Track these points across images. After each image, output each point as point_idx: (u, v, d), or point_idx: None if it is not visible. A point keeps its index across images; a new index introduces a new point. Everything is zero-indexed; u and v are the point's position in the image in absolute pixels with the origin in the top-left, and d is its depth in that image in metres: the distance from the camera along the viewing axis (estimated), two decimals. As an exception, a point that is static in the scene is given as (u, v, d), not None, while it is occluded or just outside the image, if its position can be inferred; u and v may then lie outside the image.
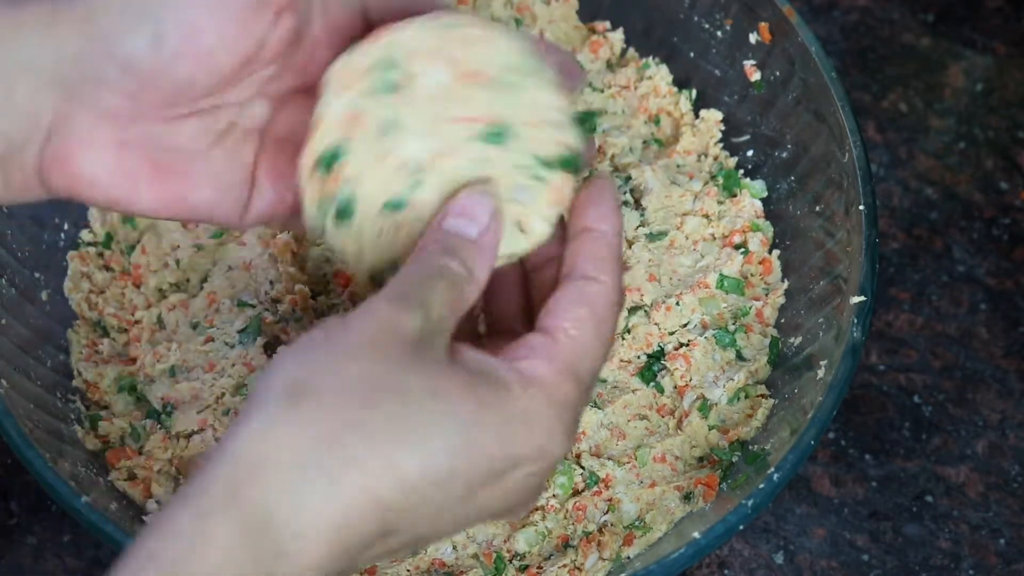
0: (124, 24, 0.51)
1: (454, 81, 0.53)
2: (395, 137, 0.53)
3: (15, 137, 0.52)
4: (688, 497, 0.69)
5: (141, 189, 0.54)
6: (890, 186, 0.89)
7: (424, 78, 0.53)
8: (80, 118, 0.53)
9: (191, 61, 0.52)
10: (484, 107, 0.53)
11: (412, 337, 0.48)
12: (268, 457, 0.45)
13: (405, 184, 0.53)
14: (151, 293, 0.76)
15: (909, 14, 0.96)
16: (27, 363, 0.70)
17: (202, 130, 0.55)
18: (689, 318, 0.74)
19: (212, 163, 0.55)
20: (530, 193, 0.54)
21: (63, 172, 0.53)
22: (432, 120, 0.53)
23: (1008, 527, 0.78)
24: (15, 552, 0.76)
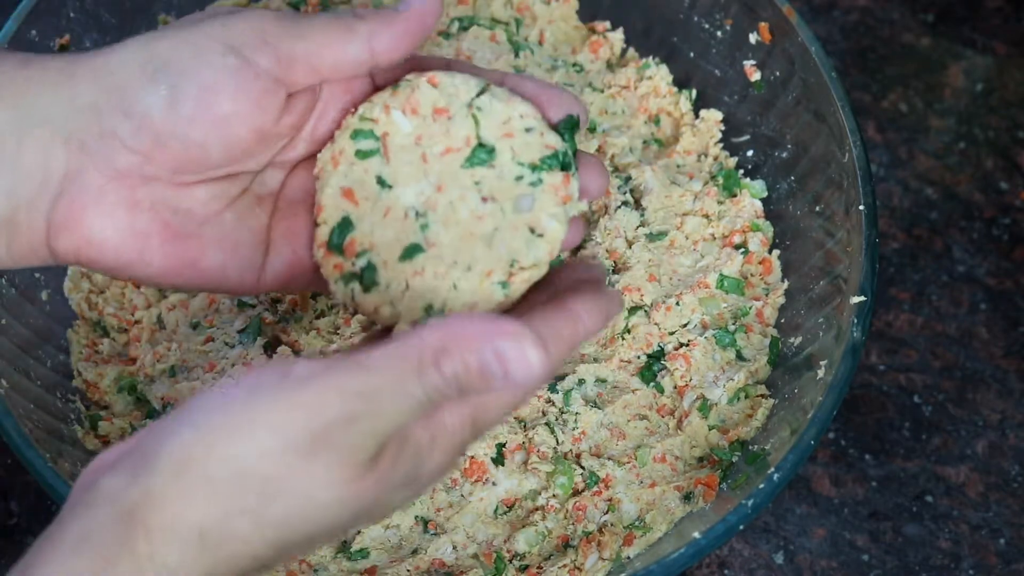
0: (141, 80, 0.52)
1: (423, 124, 0.56)
2: (389, 193, 0.56)
3: (22, 195, 0.52)
4: (688, 497, 0.69)
5: (152, 251, 0.54)
6: (890, 186, 0.89)
7: (395, 132, 0.56)
8: (92, 176, 0.52)
9: (205, 126, 0.52)
10: (460, 135, 0.56)
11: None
12: (169, 524, 0.46)
13: (414, 230, 0.55)
14: (151, 293, 0.76)
15: (909, 14, 0.96)
16: (27, 363, 0.70)
17: (214, 195, 0.55)
18: (689, 318, 0.74)
19: (223, 227, 0.56)
20: (532, 199, 0.55)
21: (72, 233, 0.53)
22: (417, 164, 0.56)
23: (1008, 527, 0.78)
24: (15, 552, 0.76)
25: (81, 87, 0.52)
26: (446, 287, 0.55)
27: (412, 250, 0.55)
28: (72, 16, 0.75)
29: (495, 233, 0.55)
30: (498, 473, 0.70)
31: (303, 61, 0.53)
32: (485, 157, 0.56)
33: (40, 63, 0.53)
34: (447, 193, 0.55)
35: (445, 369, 0.47)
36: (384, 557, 0.68)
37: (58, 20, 0.75)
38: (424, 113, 0.56)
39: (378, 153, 0.56)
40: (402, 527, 0.69)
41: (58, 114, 0.52)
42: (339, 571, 0.67)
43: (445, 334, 0.47)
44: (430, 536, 0.68)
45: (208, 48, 0.52)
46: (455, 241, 0.55)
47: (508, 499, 0.69)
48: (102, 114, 0.52)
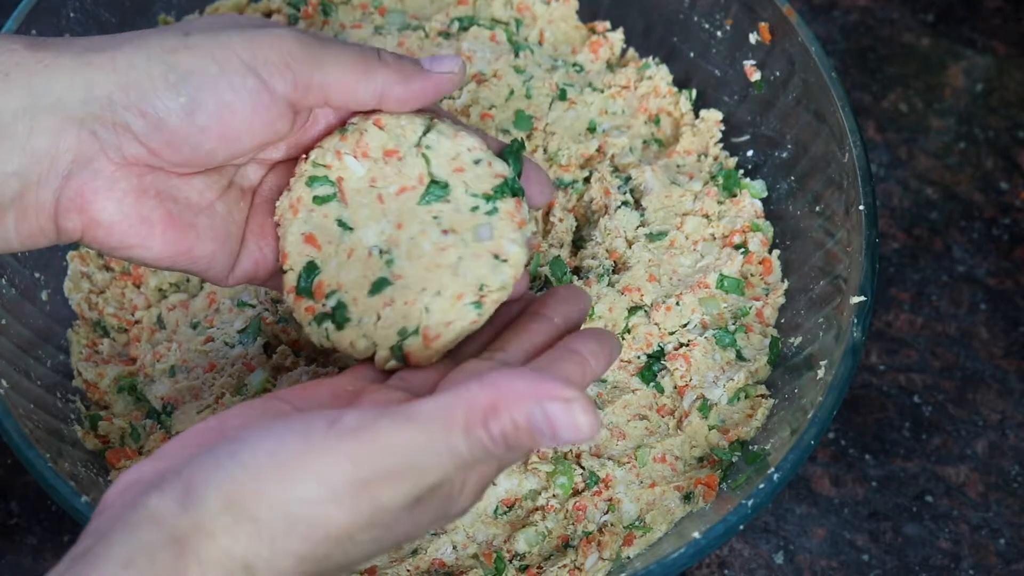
0: (161, 86, 0.53)
1: (375, 166, 0.58)
2: (351, 235, 0.58)
3: (32, 175, 0.53)
4: (688, 497, 0.69)
5: (154, 237, 0.56)
6: (890, 186, 0.89)
7: (349, 177, 0.58)
8: (102, 162, 0.54)
9: (216, 138, 0.55)
10: (412, 174, 0.58)
11: None
12: (217, 559, 0.46)
13: (379, 266, 0.57)
14: (151, 293, 0.76)
15: (909, 14, 0.96)
16: (27, 363, 0.70)
17: (209, 184, 0.58)
18: (689, 318, 0.74)
19: (215, 218, 0.58)
20: (491, 228, 0.57)
21: (81, 214, 0.54)
22: (374, 205, 0.58)
23: (1008, 527, 0.78)
24: (15, 552, 0.76)
25: (98, 77, 0.53)
26: (417, 312, 0.57)
27: (380, 284, 0.57)
28: (72, 16, 0.75)
29: (460, 262, 0.57)
30: (498, 473, 0.70)
31: (317, 89, 0.55)
32: (440, 193, 0.58)
33: (53, 47, 0.54)
34: (407, 230, 0.57)
35: (493, 429, 0.47)
36: (384, 557, 0.68)
37: (58, 20, 0.75)
38: (375, 156, 0.58)
39: (335, 198, 0.58)
40: (402, 527, 0.69)
41: (72, 100, 0.53)
42: (339, 571, 0.67)
43: (494, 393, 0.47)
44: (430, 536, 0.68)
45: (230, 66, 0.53)
46: (421, 272, 0.57)
47: (508, 499, 0.69)
48: (117, 107, 0.53)
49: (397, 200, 0.58)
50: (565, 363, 0.53)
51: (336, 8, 0.83)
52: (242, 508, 0.46)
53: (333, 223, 0.58)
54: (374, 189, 0.58)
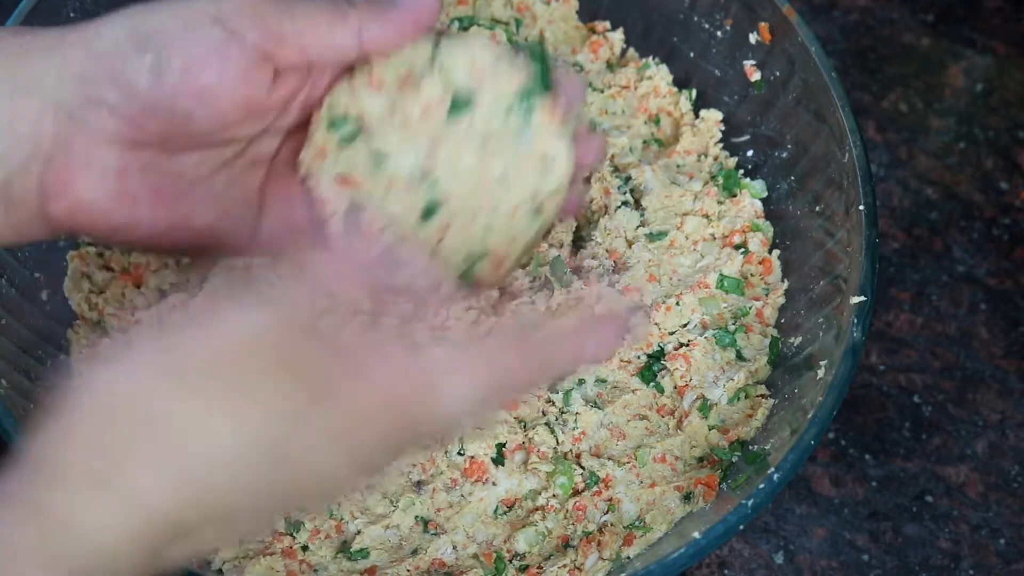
0: (128, 50, 0.52)
1: (392, 95, 0.55)
2: (386, 164, 0.55)
3: (15, 162, 0.53)
4: (688, 497, 0.69)
5: (142, 213, 0.54)
6: (890, 186, 0.89)
7: (369, 110, 0.55)
8: (80, 141, 0.53)
9: (190, 97, 0.53)
10: (433, 92, 0.55)
11: None
12: (65, 472, 0.44)
13: (424, 191, 0.54)
14: (151, 293, 0.76)
15: (909, 14, 0.96)
16: (27, 363, 0.70)
17: (203, 160, 0.56)
18: (689, 318, 0.74)
19: (214, 187, 0.56)
20: (530, 128, 0.54)
21: (64, 198, 0.53)
22: (402, 131, 0.55)
23: (1008, 527, 0.78)
24: (15, 552, 0.76)
25: (71, 54, 0.52)
26: (479, 233, 0.54)
27: (430, 209, 0.54)
28: (72, 16, 0.75)
29: (506, 171, 0.54)
30: (498, 473, 0.70)
31: (292, 40, 0.53)
32: (466, 103, 0.55)
33: (34, 32, 0.53)
34: (443, 148, 0.55)
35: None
36: (384, 557, 0.68)
37: (58, 20, 0.75)
38: (390, 85, 0.55)
39: (360, 134, 0.55)
40: (402, 527, 0.69)
41: (48, 81, 0.52)
42: (339, 571, 0.67)
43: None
44: (430, 536, 0.68)
45: (196, 21, 0.52)
46: (469, 190, 0.54)
47: (508, 499, 0.69)
48: (89, 82, 0.52)
49: (424, 123, 0.55)
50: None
51: None
52: (93, 412, 0.45)
53: (365, 158, 0.55)
54: (397, 117, 0.55)
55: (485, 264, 0.55)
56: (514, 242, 0.55)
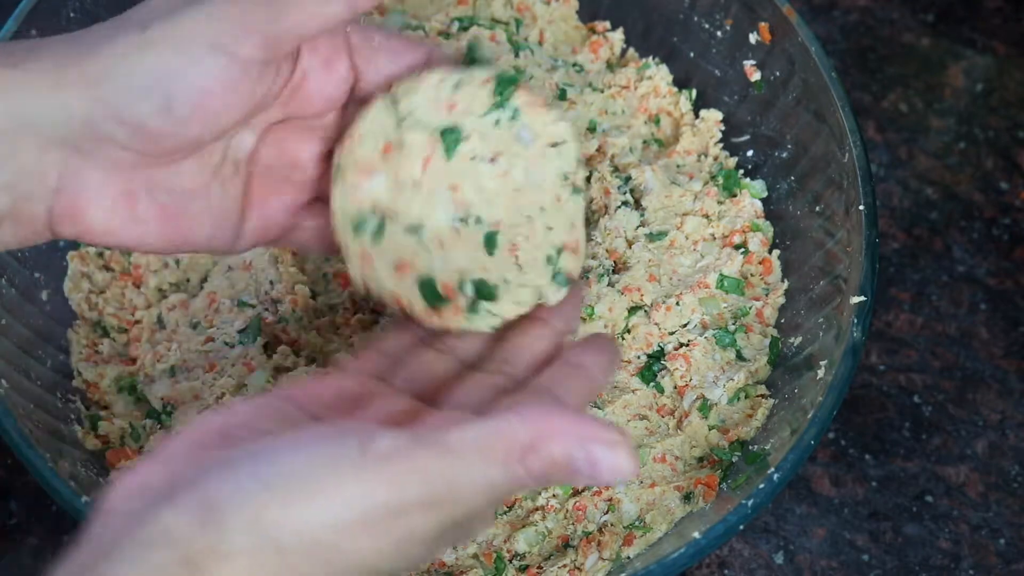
0: (133, 92, 0.52)
1: (388, 166, 0.56)
2: (426, 232, 0.56)
3: (21, 191, 0.53)
4: (688, 497, 0.69)
5: (150, 234, 0.55)
6: (890, 186, 0.89)
7: (377, 196, 0.56)
8: (89, 173, 0.53)
9: (199, 124, 0.53)
10: (420, 142, 0.56)
11: None
12: None
13: (472, 231, 0.56)
14: (151, 293, 0.76)
15: (909, 14, 0.96)
16: (27, 363, 0.70)
17: (199, 167, 0.56)
18: (689, 318, 0.74)
19: (210, 199, 0.57)
20: (526, 127, 0.56)
21: (75, 223, 0.54)
22: (417, 194, 0.56)
23: (1008, 527, 0.78)
24: (15, 552, 0.76)
25: (73, 95, 0.52)
26: (542, 234, 0.56)
27: (490, 242, 0.55)
28: (72, 16, 0.75)
29: (528, 173, 0.55)
30: (498, 473, 0.70)
31: (288, 35, 0.53)
32: (454, 136, 0.55)
33: (25, 65, 0.53)
34: (463, 186, 0.56)
35: (533, 466, 0.46)
36: (384, 557, 0.68)
37: (58, 20, 0.75)
38: (377, 162, 0.56)
39: (385, 221, 0.56)
40: (402, 527, 0.69)
41: (52, 122, 0.52)
42: (339, 571, 0.67)
43: (535, 429, 0.46)
44: (430, 536, 0.68)
45: (196, 52, 0.52)
46: (509, 206, 0.55)
47: (508, 499, 0.69)
48: (96, 123, 0.52)
49: (431, 174, 0.55)
50: (572, 381, 0.53)
51: None
52: (265, 532, 0.43)
53: (404, 238, 0.56)
54: (406, 184, 0.56)
55: (566, 259, 0.56)
56: (574, 225, 0.56)
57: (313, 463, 0.44)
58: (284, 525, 0.44)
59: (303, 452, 0.45)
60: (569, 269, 0.56)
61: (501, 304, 0.56)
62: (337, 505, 0.44)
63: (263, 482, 0.44)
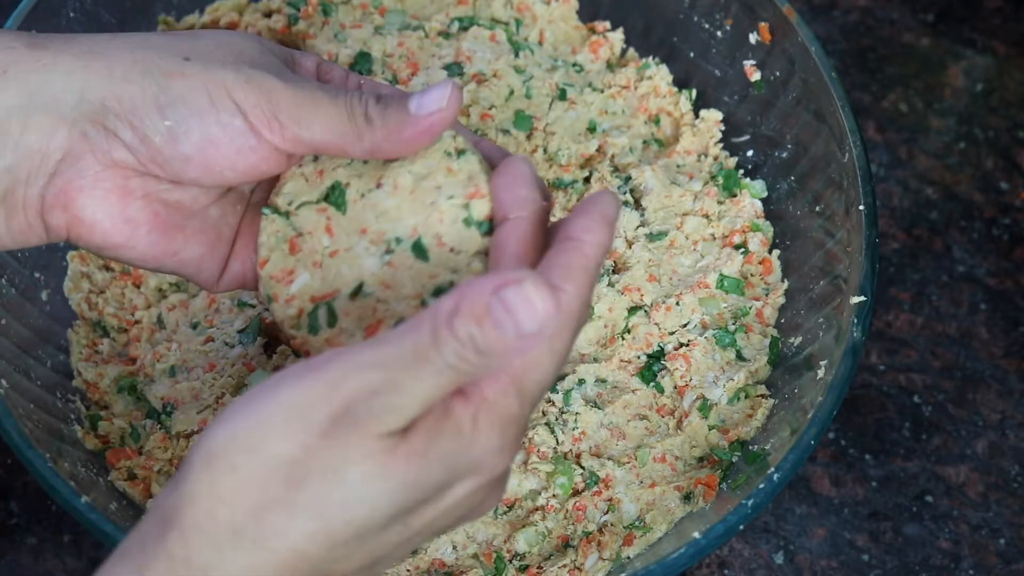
0: (150, 106, 0.53)
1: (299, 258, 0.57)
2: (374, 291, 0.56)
3: (21, 172, 0.54)
4: (688, 497, 0.69)
5: (139, 238, 0.55)
6: (890, 186, 0.89)
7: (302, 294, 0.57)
8: (89, 161, 0.54)
9: (200, 168, 0.54)
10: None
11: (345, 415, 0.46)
12: (200, 523, 0.45)
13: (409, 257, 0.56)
14: (151, 293, 0.76)
15: (909, 14, 0.96)
16: (27, 363, 0.70)
17: (204, 192, 0.57)
18: (689, 318, 0.74)
19: (207, 221, 0.57)
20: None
21: (65, 211, 0.54)
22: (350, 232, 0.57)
23: (1008, 527, 0.78)
24: (15, 552, 0.76)
25: (93, 81, 0.53)
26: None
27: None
28: (72, 16, 0.75)
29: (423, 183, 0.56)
30: (498, 473, 0.70)
31: (306, 144, 0.55)
32: (338, 190, 0.57)
33: (53, 47, 0.54)
34: (371, 228, 0.56)
35: (458, 330, 0.45)
36: (384, 557, 0.68)
37: (58, 20, 0.75)
38: (291, 260, 0.57)
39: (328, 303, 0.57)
40: (402, 527, 0.69)
41: (66, 101, 0.53)
42: (339, 571, 0.67)
43: (457, 296, 0.45)
44: (430, 536, 0.68)
45: (221, 103, 0.53)
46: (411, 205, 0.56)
47: (508, 499, 0.69)
48: (108, 115, 0.53)
49: (338, 235, 0.56)
50: (559, 256, 0.49)
51: (336, 8, 0.82)
52: (220, 463, 0.45)
53: (358, 304, 0.55)
54: (324, 263, 0.56)
55: (475, 208, 0.56)
56: (470, 177, 0.56)
57: (260, 390, 0.46)
58: (234, 450, 0.45)
59: (255, 391, 0.46)
60: (484, 214, 0.55)
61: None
62: (280, 418, 0.45)
63: (220, 421, 0.46)
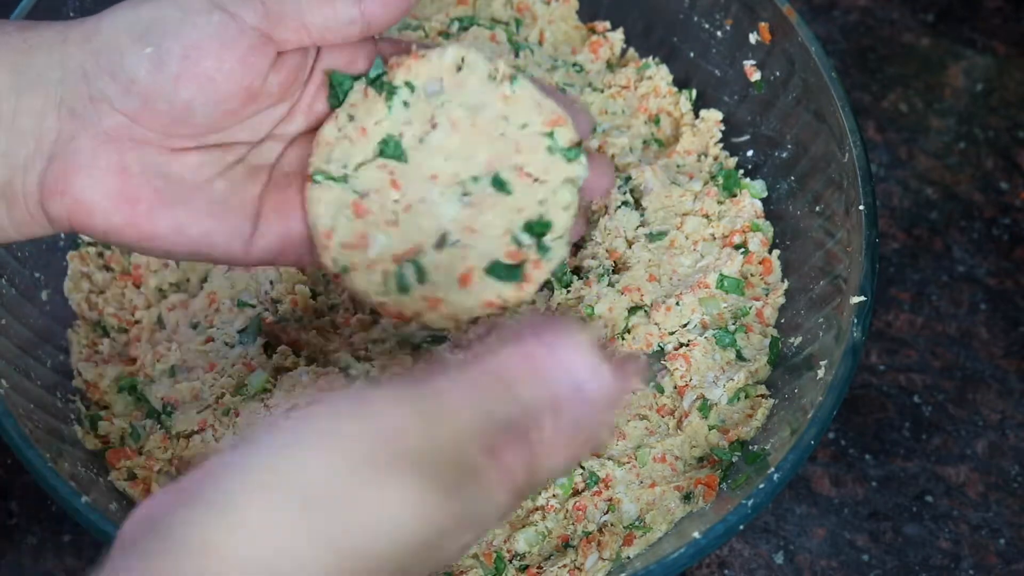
0: (127, 42, 0.52)
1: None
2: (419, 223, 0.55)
3: (17, 160, 0.53)
4: (688, 497, 0.69)
5: (140, 216, 0.54)
6: (890, 186, 0.89)
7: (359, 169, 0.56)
8: (82, 140, 0.52)
9: (191, 84, 0.52)
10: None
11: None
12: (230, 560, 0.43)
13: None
14: (151, 293, 0.76)
15: (909, 14, 0.96)
16: (27, 363, 0.70)
17: (205, 162, 0.55)
18: (689, 318, 0.74)
19: (212, 194, 0.55)
20: (439, 93, 0.56)
21: (63, 196, 0.53)
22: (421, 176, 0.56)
23: (1008, 527, 0.78)
24: (15, 552, 0.76)
25: (71, 50, 0.52)
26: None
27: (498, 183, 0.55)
28: (72, 16, 0.75)
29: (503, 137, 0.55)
30: (498, 473, 0.70)
31: (292, 17, 0.53)
32: (394, 142, 0.56)
33: (38, 28, 0.53)
34: (443, 171, 0.55)
35: (521, 391, 0.46)
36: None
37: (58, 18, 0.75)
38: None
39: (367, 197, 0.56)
40: (402, 527, 0.69)
41: (51, 78, 0.52)
42: (339, 571, 0.67)
43: (516, 350, 0.46)
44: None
45: (194, 7, 0.52)
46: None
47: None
48: (90, 77, 0.52)
49: (406, 188, 0.55)
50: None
51: None
52: (261, 492, 0.42)
53: (444, 255, 0.55)
54: (399, 219, 0.55)
55: (560, 134, 0.56)
56: (539, 104, 0.56)
57: (312, 415, 0.44)
58: (278, 479, 0.43)
59: (311, 415, 0.44)
60: (569, 139, 0.54)
61: (557, 220, 0.55)
62: (335, 449, 0.43)
63: (256, 443, 0.44)
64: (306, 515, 0.43)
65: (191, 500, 0.43)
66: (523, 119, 0.54)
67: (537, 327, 0.47)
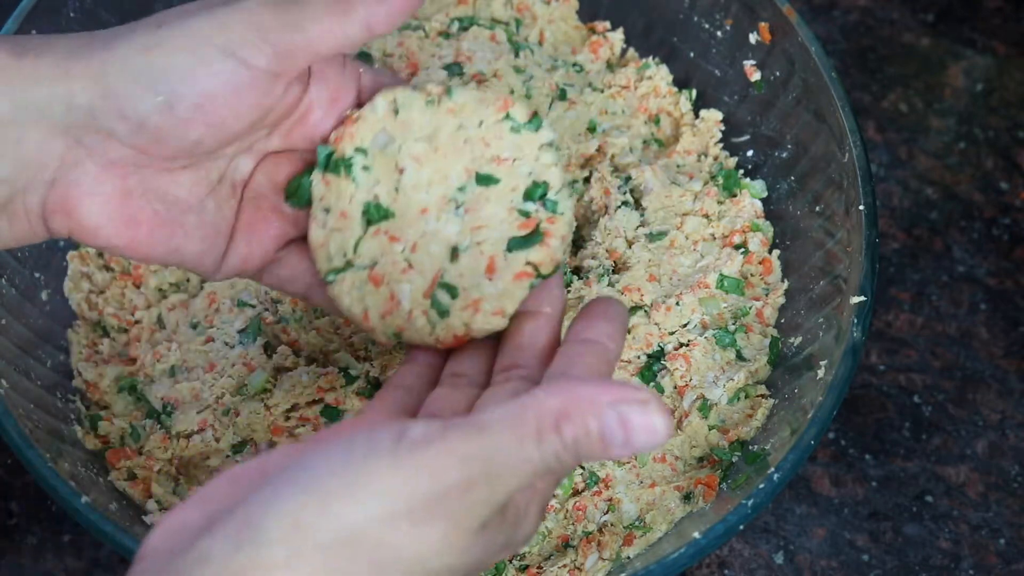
0: (137, 87, 0.52)
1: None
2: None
3: (18, 183, 0.53)
4: (688, 497, 0.69)
5: (140, 237, 0.55)
6: (890, 186, 0.89)
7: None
8: (86, 167, 0.53)
9: (201, 127, 0.53)
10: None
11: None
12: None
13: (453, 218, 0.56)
14: (151, 293, 0.76)
15: (909, 14, 0.96)
16: (27, 363, 0.70)
17: (198, 180, 0.56)
18: (689, 318, 0.74)
19: (204, 215, 0.57)
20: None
21: (67, 217, 0.54)
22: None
23: (1008, 527, 0.78)
24: (15, 552, 0.76)
25: (76, 87, 0.52)
26: None
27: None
28: (72, 16, 0.75)
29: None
30: (498, 473, 0.70)
31: (302, 49, 0.53)
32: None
33: (34, 54, 0.53)
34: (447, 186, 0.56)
35: (566, 434, 0.44)
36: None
37: (58, 20, 0.75)
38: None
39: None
40: (402, 527, 0.69)
41: (55, 111, 0.52)
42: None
43: (565, 398, 0.45)
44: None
45: (205, 53, 0.52)
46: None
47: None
48: (98, 115, 0.52)
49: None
50: (586, 357, 0.51)
51: None
52: (304, 535, 0.42)
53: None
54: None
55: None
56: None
57: (348, 461, 0.44)
58: (323, 524, 0.43)
59: (338, 453, 0.44)
60: (526, 113, 0.56)
61: (552, 177, 0.56)
62: (375, 497, 0.43)
63: (300, 487, 0.43)
64: (353, 562, 0.43)
65: (222, 528, 0.43)
66: (476, 118, 0.55)
67: (604, 383, 0.46)
